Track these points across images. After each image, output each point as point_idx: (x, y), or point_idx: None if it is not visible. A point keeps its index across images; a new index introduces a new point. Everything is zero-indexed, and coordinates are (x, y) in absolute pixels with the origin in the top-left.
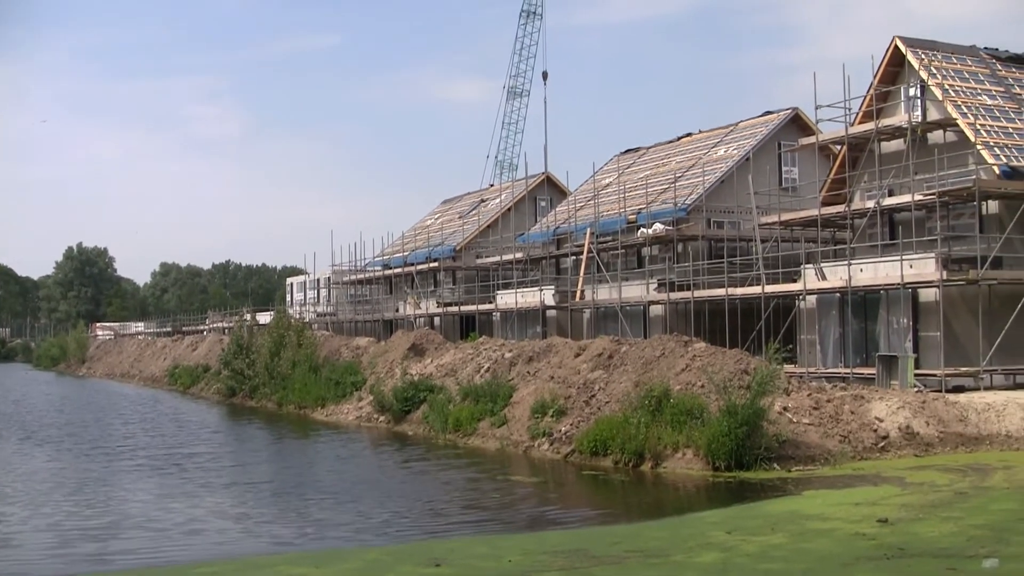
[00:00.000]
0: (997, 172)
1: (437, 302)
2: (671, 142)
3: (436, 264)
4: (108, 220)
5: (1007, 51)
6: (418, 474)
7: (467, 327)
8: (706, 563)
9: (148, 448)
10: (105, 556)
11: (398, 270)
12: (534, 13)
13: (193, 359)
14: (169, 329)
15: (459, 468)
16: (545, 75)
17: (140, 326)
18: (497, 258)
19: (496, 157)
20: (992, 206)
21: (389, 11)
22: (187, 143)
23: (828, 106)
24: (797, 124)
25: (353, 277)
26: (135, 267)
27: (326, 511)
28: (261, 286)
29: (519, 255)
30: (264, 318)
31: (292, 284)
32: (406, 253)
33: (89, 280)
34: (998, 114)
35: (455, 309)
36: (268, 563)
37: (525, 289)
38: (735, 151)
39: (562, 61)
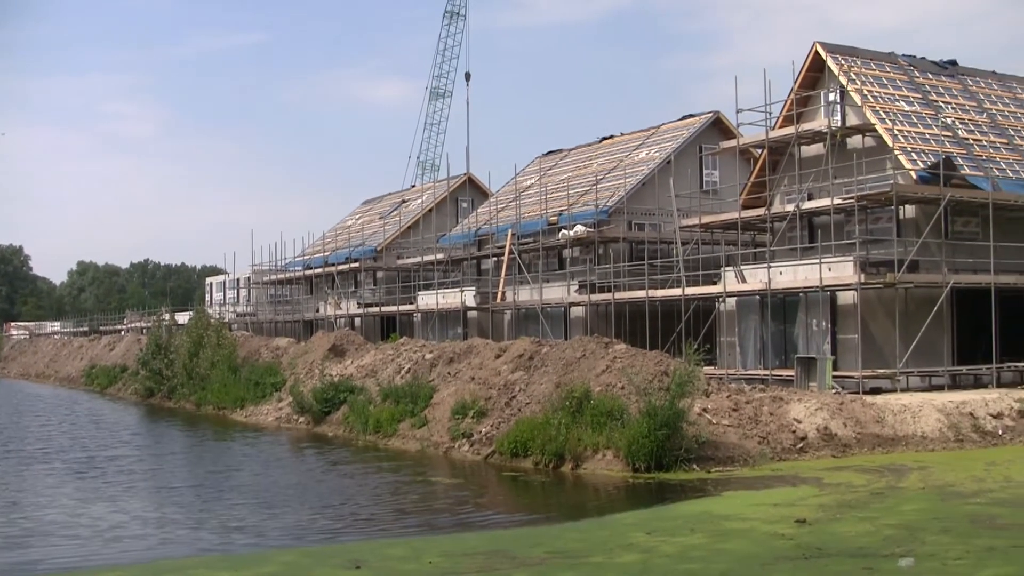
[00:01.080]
0: (914, 177)
1: (358, 303)
2: (593, 144)
3: (357, 265)
4: (23, 218)
5: (924, 58)
6: (337, 475)
7: (388, 328)
8: (626, 564)
9: (66, 451)
10: (24, 565)
11: (319, 270)
12: (457, 14)
13: (111, 359)
14: (86, 329)
15: (379, 469)
16: (468, 76)
17: (56, 325)
18: (418, 259)
19: (418, 158)
20: (909, 210)
21: (313, 10)
22: (105, 141)
23: (749, 110)
24: (718, 128)
25: (273, 277)
26: (51, 266)
27: (245, 513)
28: (180, 286)
29: (440, 256)
30: (183, 318)
31: (212, 284)
32: (327, 253)
33: (3, 279)
34: (916, 120)
35: (376, 310)
36: (186, 566)
37: (446, 290)
38: (656, 154)
39: (485, 62)
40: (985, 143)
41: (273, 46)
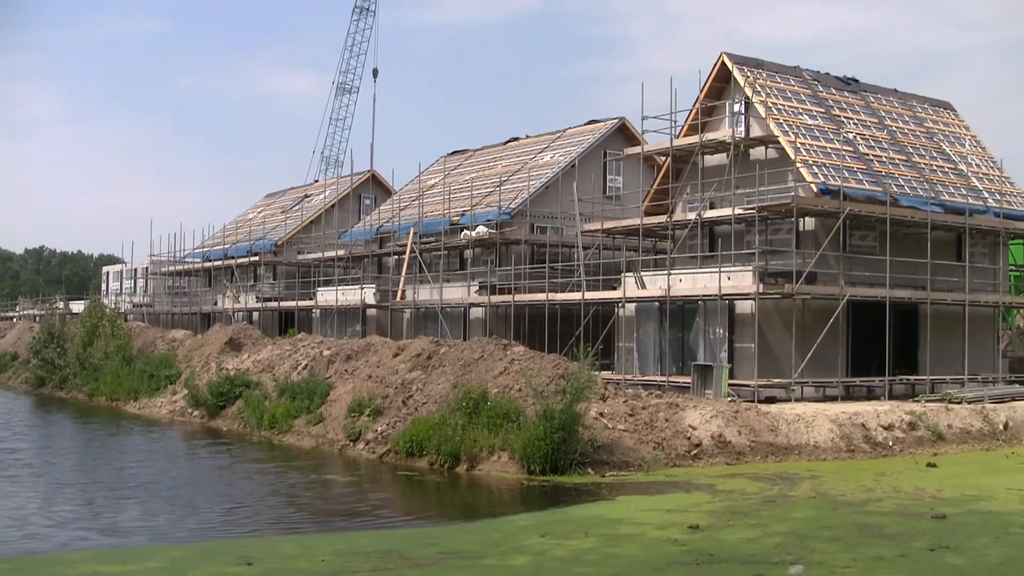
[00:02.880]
0: (815, 190)
1: (257, 297)
2: (498, 146)
3: (257, 258)
4: None
5: (828, 74)
6: (230, 471)
7: (286, 323)
8: (518, 566)
9: None
10: None
11: (218, 263)
12: (368, 10)
13: (1, 347)
14: None
15: (273, 465)
16: (376, 73)
17: None
18: (319, 255)
19: (322, 153)
20: (809, 223)
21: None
22: (1, 123)
23: (654, 117)
24: (624, 134)
25: (172, 268)
26: None
27: (135, 507)
28: (76, 274)
29: (341, 252)
30: (78, 307)
31: (108, 273)
32: (227, 246)
33: None
34: (818, 134)
35: (275, 304)
36: (74, 560)
37: (346, 287)
38: (561, 158)
39: (394, 60)
40: (885, 159)
41: (178, 33)
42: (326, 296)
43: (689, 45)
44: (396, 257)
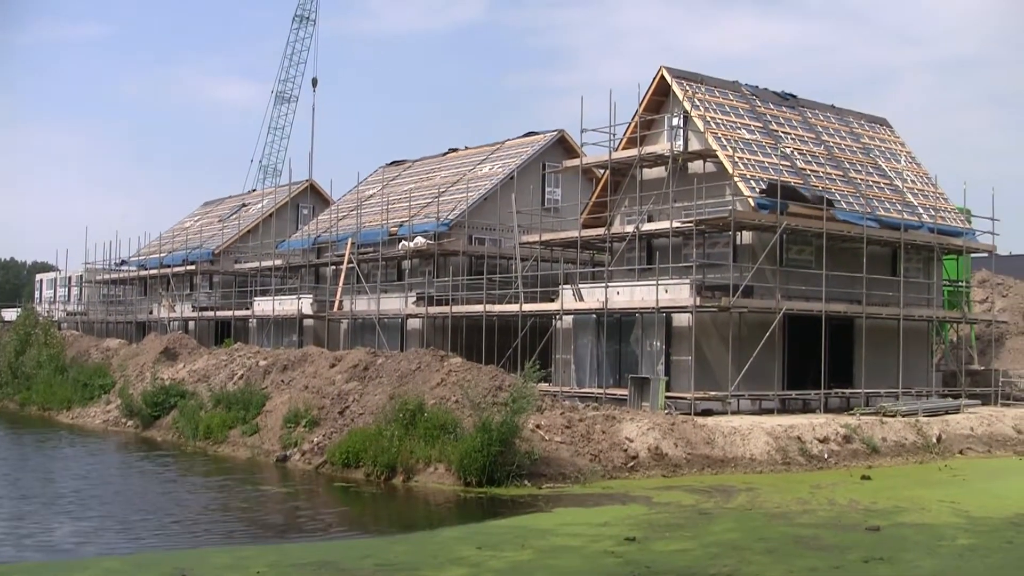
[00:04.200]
0: (752, 204)
1: (193, 306)
2: (437, 157)
3: (193, 267)
4: None
5: (767, 89)
6: (164, 481)
7: (222, 333)
8: None
9: None
10: None
11: (154, 271)
12: (307, 19)
13: None
14: None
15: (207, 476)
16: (315, 82)
17: None
18: (256, 264)
19: (260, 162)
20: (746, 236)
21: (159, 6)
22: None
23: (594, 130)
24: (563, 146)
25: (107, 276)
26: None
27: (67, 518)
28: (9, 281)
29: (278, 262)
30: (11, 314)
31: (42, 281)
32: (163, 254)
33: None
34: (756, 148)
35: (211, 314)
36: (6, 573)
37: (283, 297)
38: (500, 169)
39: (333, 69)
40: (821, 174)
41: (116, 39)
42: (263, 306)
43: (631, 58)
44: (334, 267)
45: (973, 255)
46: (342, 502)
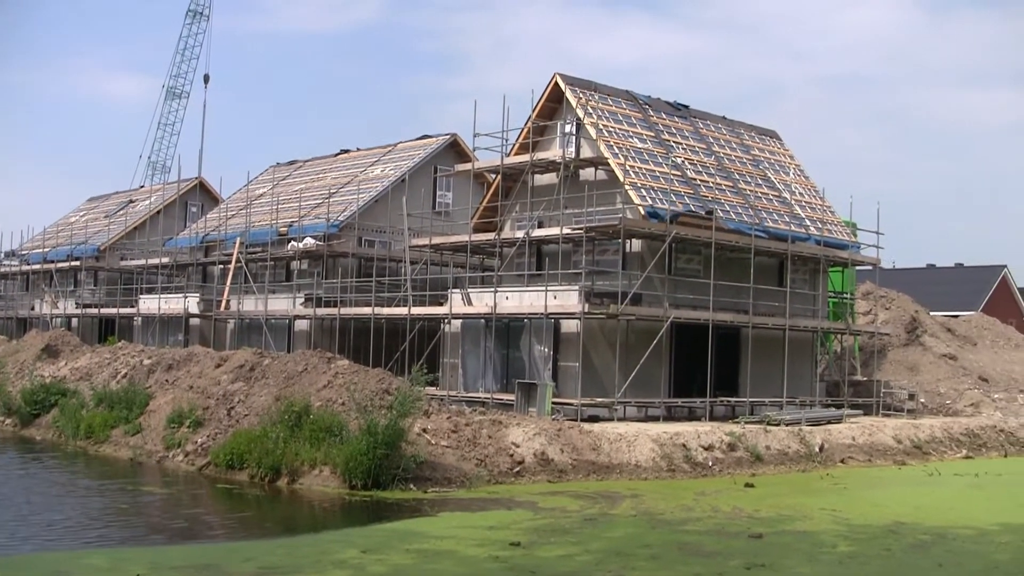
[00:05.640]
0: (642, 212)
1: (76, 303)
2: (329, 157)
3: (78, 263)
4: None
5: (660, 99)
6: (42, 481)
7: (106, 330)
8: None
9: None
10: None
11: (36, 267)
12: (201, 14)
13: None
14: None
15: (87, 476)
16: (207, 78)
17: None
18: (143, 261)
19: (149, 158)
20: (636, 244)
21: None
22: None
23: (486, 135)
24: (455, 150)
25: None
26: None
27: None
28: None
29: (165, 260)
30: None
31: None
32: (47, 249)
33: None
34: (647, 157)
35: (95, 311)
36: None
37: (169, 295)
38: (392, 171)
39: (226, 66)
40: (711, 184)
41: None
42: (148, 304)
43: (526, 64)
44: (221, 266)
45: (858, 268)
46: (225, 504)
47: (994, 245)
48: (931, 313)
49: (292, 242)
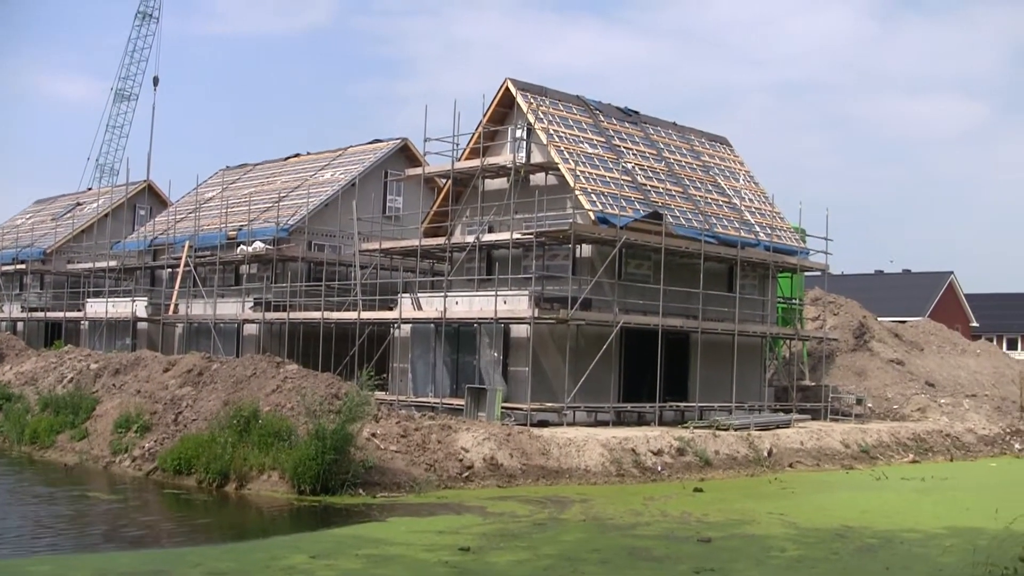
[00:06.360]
0: (592, 218)
1: (22, 306)
2: (279, 161)
3: (24, 266)
4: None
5: (611, 104)
6: None
7: (52, 334)
8: None
9: None
10: None
11: None
12: (150, 16)
13: None
14: None
15: (32, 482)
16: (156, 81)
17: None
18: (90, 264)
19: (97, 160)
20: (586, 250)
21: None
22: None
23: (437, 139)
24: (406, 154)
25: None
26: None
27: None
28: None
29: (113, 263)
30: None
31: None
32: None
33: None
34: (597, 163)
35: (41, 315)
36: None
37: (117, 299)
38: (342, 175)
39: (176, 69)
40: (662, 190)
41: None
42: (96, 308)
43: (477, 69)
44: (170, 270)
45: (807, 274)
46: (173, 509)
47: (941, 252)
48: (879, 319)
49: (241, 246)
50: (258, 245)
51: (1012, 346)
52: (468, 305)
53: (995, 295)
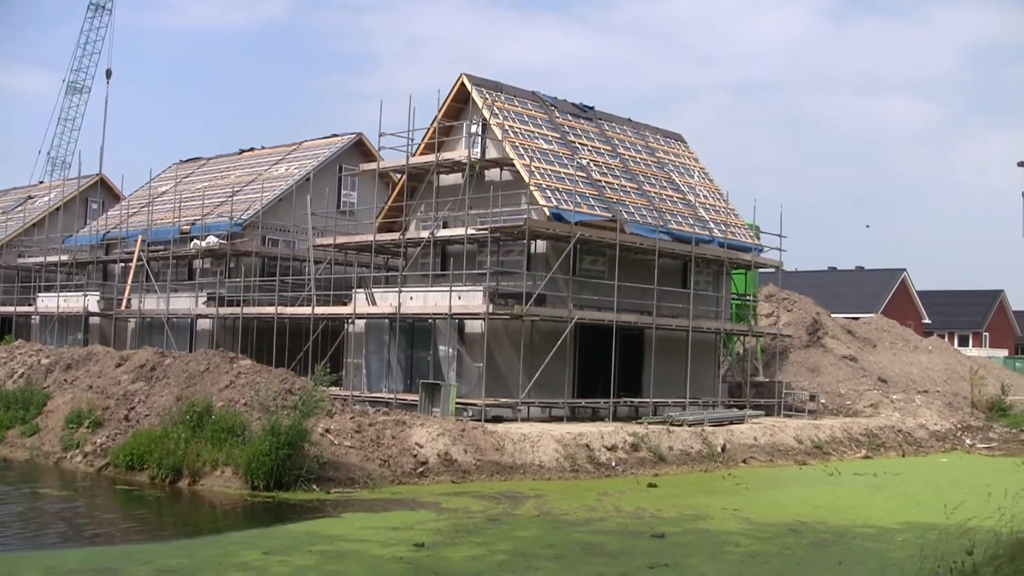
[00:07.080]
0: (547, 214)
1: None
2: (233, 155)
3: None
4: None
5: (566, 100)
6: None
7: (3, 329)
8: None
9: None
10: None
11: None
12: (103, 7)
13: None
14: None
15: None
16: (109, 73)
17: None
18: (41, 259)
19: (49, 153)
20: (540, 245)
21: None
22: None
23: (392, 134)
24: (360, 149)
25: None
26: None
27: None
28: None
29: (64, 257)
30: None
31: None
32: None
33: None
34: (552, 159)
35: None
36: None
37: (68, 293)
38: (296, 170)
39: (129, 62)
40: (616, 186)
41: None
42: (47, 302)
43: (434, 65)
44: (122, 264)
45: (761, 270)
46: (124, 506)
47: (893, 249)
48: (832, 315)
49: (195, 240)
50: (211, 240)
51: (963, 343)
52: (422, 300)
53: (947, 292)
